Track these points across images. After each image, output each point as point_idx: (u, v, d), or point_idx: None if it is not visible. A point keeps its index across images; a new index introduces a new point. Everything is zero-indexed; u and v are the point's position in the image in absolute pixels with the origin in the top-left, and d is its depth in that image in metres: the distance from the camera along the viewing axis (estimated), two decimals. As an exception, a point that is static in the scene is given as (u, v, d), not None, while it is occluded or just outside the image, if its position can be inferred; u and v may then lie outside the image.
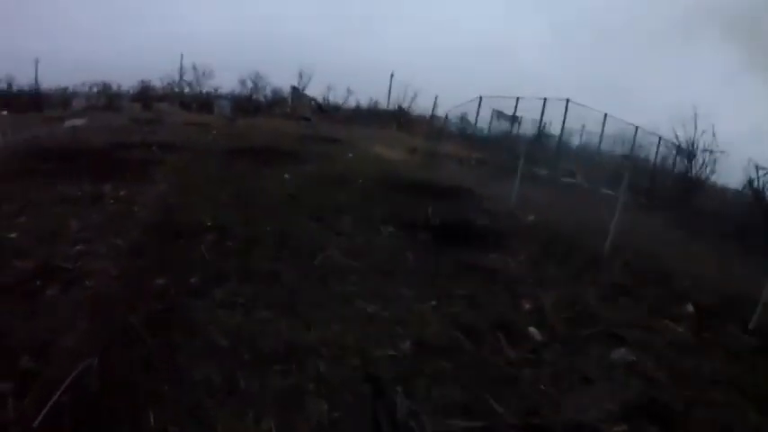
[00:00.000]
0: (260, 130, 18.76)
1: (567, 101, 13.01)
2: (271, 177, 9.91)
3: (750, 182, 11.16)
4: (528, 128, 16.82)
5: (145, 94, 33.59)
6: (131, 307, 3.79)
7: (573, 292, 5.29)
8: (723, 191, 12.74)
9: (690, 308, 5.58)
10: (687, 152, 13.52)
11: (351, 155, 14.14)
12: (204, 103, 32.82)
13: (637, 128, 14.46)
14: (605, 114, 14.02)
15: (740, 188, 12.00)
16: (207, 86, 36.44)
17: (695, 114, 13.92)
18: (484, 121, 18.01)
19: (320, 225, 6.76)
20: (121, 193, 7.79)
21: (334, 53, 49.88)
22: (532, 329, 4.16)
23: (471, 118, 18.18)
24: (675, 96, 32.69)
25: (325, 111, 31.27)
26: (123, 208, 6.99)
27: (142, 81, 34.31)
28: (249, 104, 33.54)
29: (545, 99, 14.57)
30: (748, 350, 4.77)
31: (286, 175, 10.22)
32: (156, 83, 35.41)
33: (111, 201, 7.38)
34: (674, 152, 14.14)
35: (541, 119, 14.74)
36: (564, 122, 13.14)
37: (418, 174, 12.17)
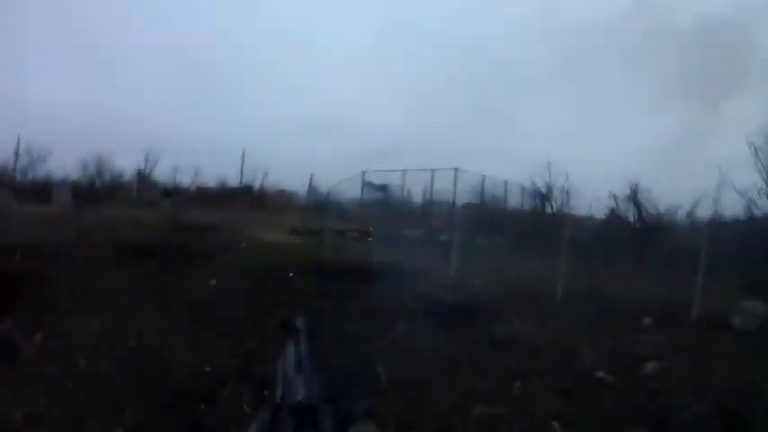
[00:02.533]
0: (118, 222, 17.56)
1: (456, 170, 15.61)
2: (195, 285, 9.46)
3: (611, 210, 15.26)
4: (403, 195, 19.26)
5: (-25, 187, 28.87)
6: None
7: (580, 335, 7.12)
8: (590, 220, 16.78)
9: (648, 320, 7.89)
10: (542, 195, 17.66)
11: (244, 244, 14.51)
12: (40, 191, 29.19)
13: (506, 182, 17.94)
14: (483, 176, 17.20)
15: (604, 216, 16.13)
16: (42, 171, 32.84)
17: (548, 163, 18.58)
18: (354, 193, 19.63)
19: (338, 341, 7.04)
20: (37, 336, 5.93)
21: (182, 132, 48.02)
22: (601, 375, 5.79)
23: (351, 193, 19.59)
24: (541, 145, 39.92)
25: (173, 195, 30.33)
26: (63, 365, 5.26)
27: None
28: (91, 191, 30.70)
29: (433, 170, 17.04)
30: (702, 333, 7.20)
31: (212, 281, 9.89)
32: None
33: (33, 355, 5.53)
34: (535, 197, 18.15)
35: (432, 188, 17.13)
36: (455, 189, 15.69)
37: (331, 257, 13.24)
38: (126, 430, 4.14)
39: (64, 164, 35.18)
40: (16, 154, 32.10)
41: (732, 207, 15.62)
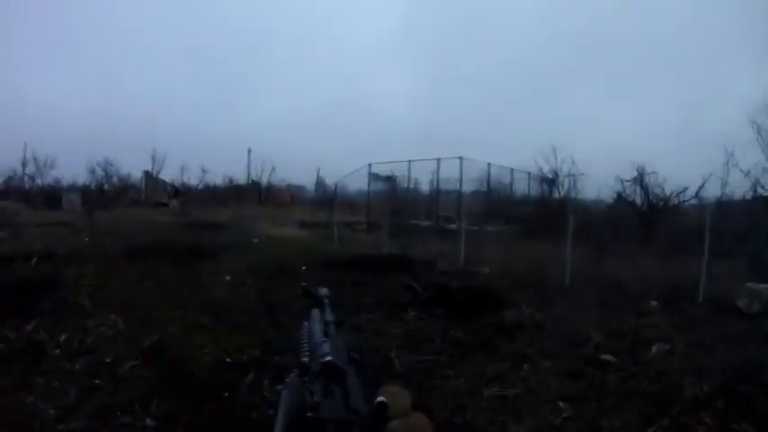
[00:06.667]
0: (130, 224, 18.02)
1: (461, 158, 15.79)
2: (210, 281, 9.80)
3: (619, 194, 15.43)
4: (409, 185, 19.55)
5: (-17, 193, 29.80)
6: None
7: (587, 318, 7.34)
8: (597, 204, 17.01)
9: (654, 303, 8.08)
10: (548, 180, 17.86)
11: (256, 240, 14.84)
12: (50, 197, 29.91)
13: (512, 169, 18.14)
14: (489, 164, 17.44)
15: (611, 201, 16.32)
16: (50, 177, 34.01)
17: (554, 148, 18.87)
18: (361, 185, 19.88)
19: (353, 330, 7.05)
20: (62, 338, 6.11)
21: (188, 132, 49.04)
22: (606, 357, 6.02)
23: (358, 185, 19.81)
24: (544, 133, 41.01)
25: (181, 194, 30.88)
26: (88, 362, 5.52)
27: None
28: (100, 195, 31.39)
29: (438, 159, 17.19)
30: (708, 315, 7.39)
31: (227, 277, 10.24)
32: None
33: (60, 354, 5.68)
34: (542, 183, 18.36)
35: (438, 177, 17.37)
36: (461, 178, 15.93)
37: (341, 249, 13.55)
38: (155, 419, 4.29)
39: (72, 169, 36.42)
40: (24, 162, 32.93)
41: (739, 187, 15.76)
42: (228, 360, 5.81)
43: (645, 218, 14.56)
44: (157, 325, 6.87)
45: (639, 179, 16.13)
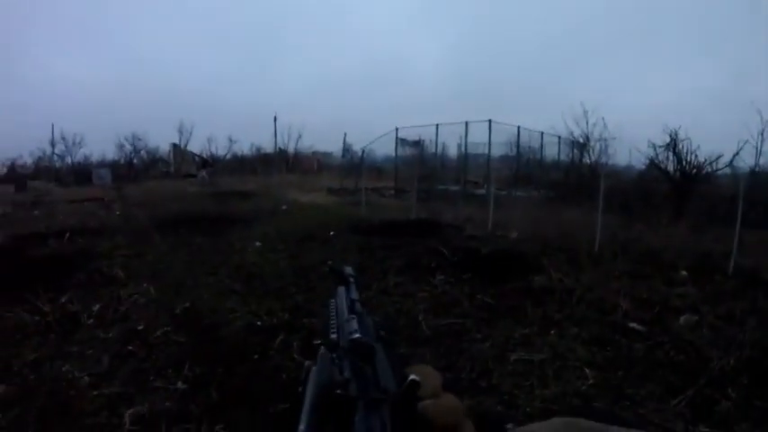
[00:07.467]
0: (160, 196, 18.53)
1: (490, 122, 15.57)
2: (241, 248, 10.04)
3: (651, 160, 15.06)
4: (437, 149, 19.39)
5: (16, 174, 30.89)
6: None
7: (616, 286, 7.33)
8: (628, 170, 16.66)
9: (684, 273, 7.99)
10: (579, 145, 17.50)
11: (285, 207, 15.05)
12: (80, 174, 30.91)
13: (542, 133, 17.80)
14: (518, 127, 17.16)
15: (642, 167, 15.95)
16: (79, 155, 35.20)
17: (585, 111, 18.27)
18: (388, 150, 19.77)
19: (381, 293, 7.27)
20: (95, 308, 6.31)
21: (214, 103, 49.69)
22: (634, 325, 6.03)
23: (385, 150, 19.74)
24: (575, 96, 40.23)
25: (210, 164, 31.46)
26: (121, 330, 5.69)
27: (11, 159, 31.97)
28: (129, 169, 32.32)
29: (466, 123, 16.96)
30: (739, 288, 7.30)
31: (257, 243, 10.46)
32: (27, 159, 34.00)
33: (93, 323, 5.91)
34: (573, 147, 17.98)
35: (466, 141, 17.15)
36: (489, 142, 15.71)
37: (369, 214, 13.67)
38: (187, 383, 4.41)
39: (100, 145, 37.37)
40: (52, 142, 33.77)
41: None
42: (259, 324, 5.98)
43: (677, 185, 14.20)
44: (189, 292, 7.09)
45: (672, 145, 15.67)
